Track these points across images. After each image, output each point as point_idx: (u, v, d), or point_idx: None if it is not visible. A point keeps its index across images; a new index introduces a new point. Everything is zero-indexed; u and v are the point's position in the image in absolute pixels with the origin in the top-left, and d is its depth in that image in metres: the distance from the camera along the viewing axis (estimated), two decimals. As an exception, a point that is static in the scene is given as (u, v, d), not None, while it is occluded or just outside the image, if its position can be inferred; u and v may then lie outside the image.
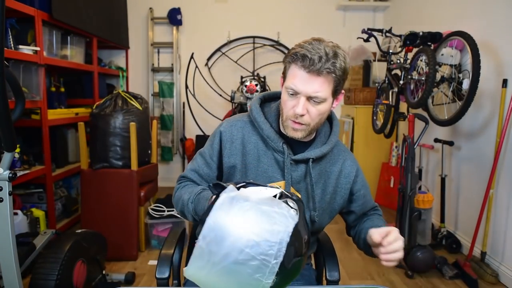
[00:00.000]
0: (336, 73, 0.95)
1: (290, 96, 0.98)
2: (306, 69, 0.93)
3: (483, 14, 2.44)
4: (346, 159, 1.12)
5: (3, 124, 1.14)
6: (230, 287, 0.69)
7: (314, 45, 0.95)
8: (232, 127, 1.09)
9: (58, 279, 1.63)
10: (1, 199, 1.23)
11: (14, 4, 2.06)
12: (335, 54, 0.94)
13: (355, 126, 3.70)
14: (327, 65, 0.92)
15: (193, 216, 1.01)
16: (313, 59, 0.92)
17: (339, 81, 0.98)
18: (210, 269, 0.68)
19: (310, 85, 0.94)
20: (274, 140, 1.04)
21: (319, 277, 1.24)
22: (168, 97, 4.07)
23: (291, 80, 0.96)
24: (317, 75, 0.93)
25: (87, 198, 2.47)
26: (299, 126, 0.99)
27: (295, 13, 4.13)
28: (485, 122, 2.40)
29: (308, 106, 0.97)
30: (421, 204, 2.24)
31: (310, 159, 1.03)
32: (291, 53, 0.96)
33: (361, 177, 1.14)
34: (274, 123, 1.08)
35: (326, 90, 0.96)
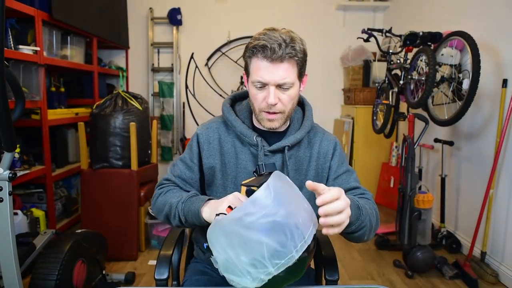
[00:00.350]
0: (298, 55, 0.97)
1: (258, 89, 1.00)
2: (268, 59, 0.95)
3: (483, 14, 2.44)
4: (322, 140, 1.12)
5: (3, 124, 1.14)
6: (265, 243, 0.70)
7: (270, 34, 0.96)
8: (208, 129, 1.12)
9: (58, 279, 1.63)
10: (1, 199, 1.23)
11: (14, 4, 2.06)
12: (292, 39, 0.96)
13: (355, 126, 3.70)
14: (288, 50, 0.94)
15: (180, 218, 1.00)
16: (273, 48, 0.94)
17: (302, 64, 1.00)
18: (259, 218, 0.70)
19: (276, 73, 0.96)
20: (247, 135, 1.06)
21: (318, 277, 1.24)
22: (168, 97, 4.07)
23: (256, 74, 0.98)
24: (280, 62, 0.95)
25: (87, 198, 2.47)
26: (274, 116, 1.01)
27: (295, 13, 4.13)
28: (485, 122, 2.40)
29: (278, 94, 0.99)
30: (421, 204, 2.24)
31: (285, 147, 1.05)
32: (250, 48, 0.98)
33: (338, 154, 1.12)
34: (247, 120, 1.10)
35: (292, 75, 0.98)
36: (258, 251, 0.69)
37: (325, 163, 1.10)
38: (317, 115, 4.52)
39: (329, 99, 4.22)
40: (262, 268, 0.70)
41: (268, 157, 1.06)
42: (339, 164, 1.11)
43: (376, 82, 3.83)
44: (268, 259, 0.69)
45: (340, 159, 1.12)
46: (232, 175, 1.08)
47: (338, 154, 1.11)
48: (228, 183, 1.09)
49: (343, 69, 4.15)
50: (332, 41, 4.14)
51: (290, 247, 0.70)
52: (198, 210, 0.93)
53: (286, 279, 0.74)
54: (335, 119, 4.21)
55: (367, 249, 2.70)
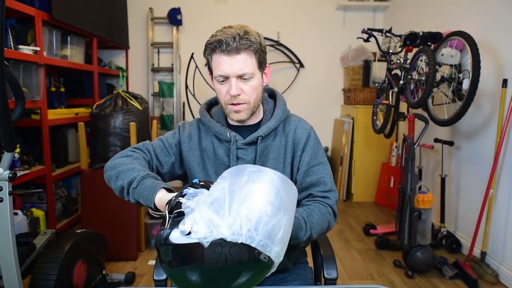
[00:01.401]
0: (254, 46, 1.00)
1: (221, 84, 1.03)
2: (225, 53, 0.99)
3: (483, 14, 2.44)
4: (297, 128, 1.12)
5: (3, 124, 1.15)
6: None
7: (225, 30, 1.01)
8: (190, 126, 1.17)
9: (58, 279, 1.63)
10: (1, 199, 1.23)
11: (14, 4, 2.06)
12: (245, 32, 1.00)
13: (355, 126, 3.70)
14: (242, 42, 0.98)
15: (128, 185, 0.99)
16: (228, 41, 0.98)
17: (260, 54, 1.03)
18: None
19: (234, 65, 0.99)
20: (221, 133, 1.09)
21: (317, 276, 1.24)
22: (168, 97, 4.07)
23: (217, 68, 1.02)
24: (237, 53, 0.99)
25: (87, 198, 2.47)
26: (239, 107, 1.04)
27: (295, 13, 4.13)
28: (485, 122, 2.40)
29: (240, 86, 1.02)
30: (421, 204, 2.24)
31: (258, 137, 1.07)
32: (207, 46, 1.02)
33: (311, 145, 1.11)
34: (222, 119, 1.14)
35: (251, 65, 1.01)
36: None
37: (297, 152, 1.11)
38: (317, 115, 4.52)
39: (329, 99, 4.22)
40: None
41: (244, 150, 1.09)
42: (312, 156, 1.10)
43: (376, 82, 3.83)
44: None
45: (313, 150, 1.10)
46: (211, 171, 1.12)
47: (311, 146, 1.10)
48: (208, 178, 1.12)
49: (343, 69, 4.15)
50: (332, 41, 4.14)
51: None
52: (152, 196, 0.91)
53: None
54: (335, 119, 4.21)
55: (367, 249, 2.70)
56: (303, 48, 4.13)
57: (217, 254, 0.67)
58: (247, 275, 0.70)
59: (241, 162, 1.09)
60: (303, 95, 4.16)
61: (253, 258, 0.68)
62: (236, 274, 0.69)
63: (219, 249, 0.66)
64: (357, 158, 3.75)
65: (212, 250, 0.66)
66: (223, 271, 0.68)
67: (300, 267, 1.20)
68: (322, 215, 1.03)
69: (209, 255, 0.66)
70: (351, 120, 3.75)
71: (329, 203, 1.07)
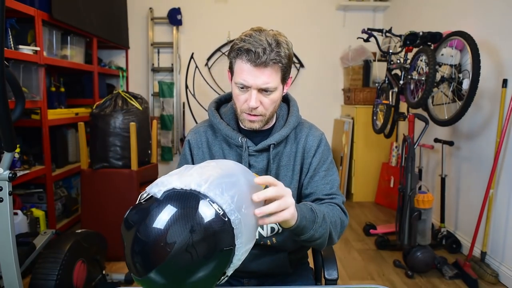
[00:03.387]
0: (283, 62, 0.96)
1: (241, 90, 0.99)
2: (252, 63, 0.94)
3: (483, 14, 2.44)
4: (308, 135, 1.11)
5: (3, 124, 1.14)
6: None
7: (256, 36, 0.94)
8: (196, 134, 1.13)
9: (58, 279, 1.63)
10: (1, 199, 1.23)
11: (14, 4, 2.06)
12: (277, 43, 0.94)
13: (355, 126, 3.70)
14: (272, 56, 0.93)
15: None
16: (258, 52, 0.92)
17: (286, 69, 0.99)
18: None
19: (259, 77, 0.95)
20: (232, 137, 1.06)
21: (317, 276, 1.24)
22: (168, 97, 4.07)
23: (239, 75, 0.97)
24: (264, 67, 0.94)
25: (87, 198, 2.47)
26: (255, 117, 1.01)
27: (295, 13, 4.13)
28: (485, 122, 2.40)
29: (260, 98, 0.98)
30: (421, 204, 2.24)
31: (271, 145, 1.05)
32: (235, 49, 0.96)
33: (321, 151, 1.09)
34: (232, 121, 1.10)
35: (275, 80, 0.97)
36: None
37: (307, 159, 1.09)
38: (317, 115, 4.52)
39: (329, 99, 4.22)
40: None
41: (255, 157, 1.06)
42: (320, 162, 1.09)
43: (376, 82, 3.83)
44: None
45: (322, 156, 1.10)
46: None
47: (321, 151, 1.10)
48: None
49: (343, 69, 4.15)
50: (332, 41, 4.14)
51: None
52: None
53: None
54: (335, 119, 4.21)
55: (367, 249, 2.70)
56: (303, 48, 4.13)
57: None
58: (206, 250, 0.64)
59: (253, 170, 1.06)
60: (303, 95, 4.15)
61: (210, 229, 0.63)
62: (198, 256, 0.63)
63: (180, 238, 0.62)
64: (357, 158, 3.75)
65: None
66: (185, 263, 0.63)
67: (300, 267, 1.20)
68: (333, 210, 1.01)
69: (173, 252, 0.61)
70: (351, 120, 3.75)
71: (336, 202, 1.06)
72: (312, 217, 0.89)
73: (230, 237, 0.66)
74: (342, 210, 1.05)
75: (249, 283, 1.14)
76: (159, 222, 0.63)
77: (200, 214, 0.64)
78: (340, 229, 1.02)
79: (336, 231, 1.00)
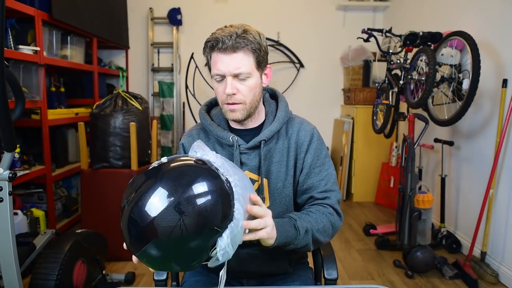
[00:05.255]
0: (251, 45, 0.97)
1: (219, 82, 1.02)
2: (221, 51, 0.97)
3: (483, 14, 2.44)
4: (300, 130, 1.10)
5: (3, 124, 1.14)
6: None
7: (224, 29, 0.99)
8: (190, 137, 1.14)
9: (58, 279, 1.63)
10: (1, 199, 1.23)
11: (14, 4, 2.06)
12: (244, 31, 0.98)
13: (355, 126, 3.70)
14: (239, 40, 0.96)
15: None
16: (224, 39, 0.96)
17: (258, 54, 1.00)
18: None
19: (230, 63, 0.97)
20: (223, 137, 1.06)
21: (317, 276, 1.24)
22: (168, 97, 4.07)
23: (214, 67, 1.00)
24: (233, 52, 0.97)
25: (87, 198, 2.47)
26: (235, 106, 1.02)
27: (295, 13, 4.13)
28: (485, 122, 2.40)
29: (236, 85, 1.00)
30: (421, 204, 2.24)
31: (261, 141, 1.05)
32: (206, 44, 1.01)
33: (314, 146, 1.09)
34: (223, 122, 1.11)
35: (248, 64, 0.98)
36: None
37: (300, 154, 1.09)
38: (317, 115, 4.51)
39: (329, 99, 4.22)
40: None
41: (247, 155, 1.07)
42: (314, 157, 1.09)
43: (376, 82, 3.83)
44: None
45: (316, 151, 1.09)
46: None
47: (314, 147, 1.09)
48: None
49: (343, 69, 4.15)
50: (332, 41, 4.14)
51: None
52: None
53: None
54: (335, 119, 4.21)
55: (367, 249, 2.70)
56: (303, 48, 4.13)
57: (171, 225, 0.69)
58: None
59: (245, 168, 1.07)
60: (303, 95, 4.16)
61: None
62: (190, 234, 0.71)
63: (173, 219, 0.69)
64: (357, 158, 3.75)
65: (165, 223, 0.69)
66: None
67: (300, 267, 1.20)
68: (322, 215, 1.02)
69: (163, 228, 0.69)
70: (351, 120, 3.75)
71: (329, 203, 1.06)
72: (294, 234, 0.95)
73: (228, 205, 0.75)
74: (335, 211, 1.06)
75: (248, 283, 1.14)
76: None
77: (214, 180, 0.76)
78: (331, 231, 1.04)
79: (325, 235, 1.02)
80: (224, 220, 0.73)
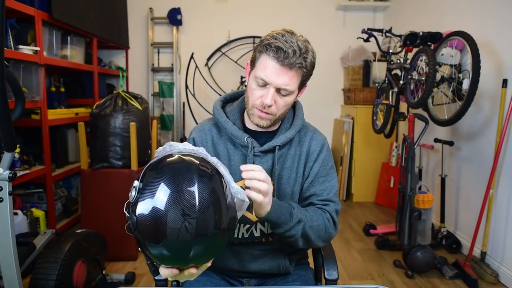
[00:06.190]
0: (307, 68, 0.98)
1: (259, 86, 0.99)
2: (279, 62, 0.94)
3: (483, 14, 2.44)
4: (312, 139, 1.12)
5: (3, 124, 1.15)
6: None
7: (287, 37, 0.95)
8: (201, 132, 1.12)
9: (58, 279, 1.63)
10: (1, 199, 1.23)
11: (14, 4, 2.06)
12: (306, 49, 0.97)
13: (355, 126, 3.71)
14: (300, 60, 0.95)
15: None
16: (288, 53, 0.93)
17: (307, 76, 1.01)
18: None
19: (281, 77, 0.96)
20: (238, 137, 1.05)
21: (317, 276, 1.24)
22: (168, 97, 4.07)
23: (262, 70, 0.97)
24: (289, 69, 0.95)
25: (87, 198, 2.47)
26: (265, 115, 1.01)
27: (295, 13, 4.13)
28: (485, 122, 2.40)
29: (276, 97, 0.99)
30: (421, 204, 2.24)
31: (276, 146, 1.05)
32: (265, 43, 0.96)
33: (323, 156, 1.11)
34: (238, 121, 1.10)
35: (295, 84, 0.99)
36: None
37: (309, 163, 1.10)
38: (317, 115, 4.52)
39: (329, 99, 4.22)
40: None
41: (260, 157, 1.06)
42: (321, 168, 1.10)
43: (376, 82, 3.83)
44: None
45: (324, 162, 1.11)
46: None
47: (323, 157, 1.10)
48: None
49: (343, 69, 4.15)
50: (332, 41, 4.14)
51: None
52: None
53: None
54: (335, 119, 4.21)
55: (367, 249, 2.70)
56: (303, 48, 4.13)
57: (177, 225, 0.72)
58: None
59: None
60: (303, 95, 4.11)
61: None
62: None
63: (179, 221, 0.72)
64: (357, 158, 3.75)
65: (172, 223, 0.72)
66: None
67: (300, 267, 1.20)
68: (319, 216, 1.03)
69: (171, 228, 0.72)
70: (351, 120, 3.75)
71: (328, 209, 1.07)
72: (287, 219, 0.96)
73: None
74: (332, 218, 1.07)
75: (249, 283, 1.14)
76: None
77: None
78: (323, 235, 1.04)
79: (316, 236, 1.02)
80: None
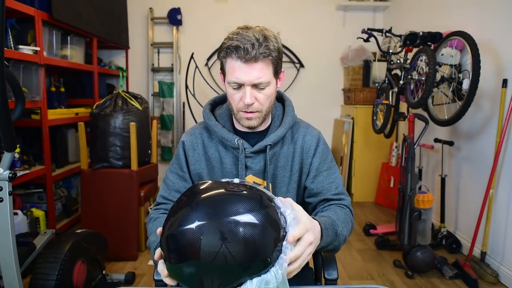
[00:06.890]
0: (272, 55, 0.96)
1: (235, 90, 0.99)
2: (242, 60, 0.94)
3: (483, 14, 2.44)
4: (305, 135, 1.11)
5: (3, 124, 1.15)
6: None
7: (243, 34, 0.95)
8: (192, 136, 1.12)
9: (58, 279, 1.63)
10: (1, 199, 1.23)
11: (14, 4, 2.06)
12: (265, 37, 0.95)
13: (355, 126, 3.70)
14: (262, 50, 0.94)
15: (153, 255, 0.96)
16: (246, 48, 0.93)
17: (277, 62, 0.99)
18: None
19: (250, 73, 0.95)
20: (228, 139, 1.05)
21: (317, 276, 1.24)
22: (168, 97, 4.07)
23: (231, 74, 0.97)
24: (254, 62, 0.95)
25: (87, 198, 2.47)
26: (251, 114, 1.01)
27: (295, 13, 4.13)
28: (485, 122, 2.40)
29: (255, 94, 0.99)
30: (421, 204, 2.24)
31: (267, 146, 1.04)
32: (223, 48, 0.97)
33: (320, 150, 1.10)
34: (227, 123, 1.10)
35: (268, 74, 0.98)
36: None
37: (307, 159, 1.09)
38: (317, 115, 4.51)
39: (329, 99, 4.22)
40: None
41: (252, 158, 1.06)
42: (321, 161, 1.09)
43: (376, 82, 3.83)
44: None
45: (323, 155, 1.10)
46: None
47: (320, 151, 1.10)
48: None
49: (343, 69, 4.15)
50: (332, 41, 4.14)
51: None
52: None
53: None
54: (335, 119, 4.21)
55: (367, 249, 2.70)
56: (303, 48, 4.13)
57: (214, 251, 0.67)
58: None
59: (250, 172, 1.06)
60: (303, 95, 4.16)
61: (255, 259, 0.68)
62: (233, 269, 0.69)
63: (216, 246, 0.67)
64: (357, 158, 3.75)
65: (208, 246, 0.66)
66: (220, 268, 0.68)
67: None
68: (346, 216, 1.04)
69: (205, 251, 0.67)
70: (351, 120, 3.75)
71: (345, 204, 1.08)
72: (333, 240, 0.91)
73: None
74: (350, 212, 1.08)
75: (249, 283, 1.14)
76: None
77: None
78: (350, 229, 1.05)
79: (348, 233, 1.03)
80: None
